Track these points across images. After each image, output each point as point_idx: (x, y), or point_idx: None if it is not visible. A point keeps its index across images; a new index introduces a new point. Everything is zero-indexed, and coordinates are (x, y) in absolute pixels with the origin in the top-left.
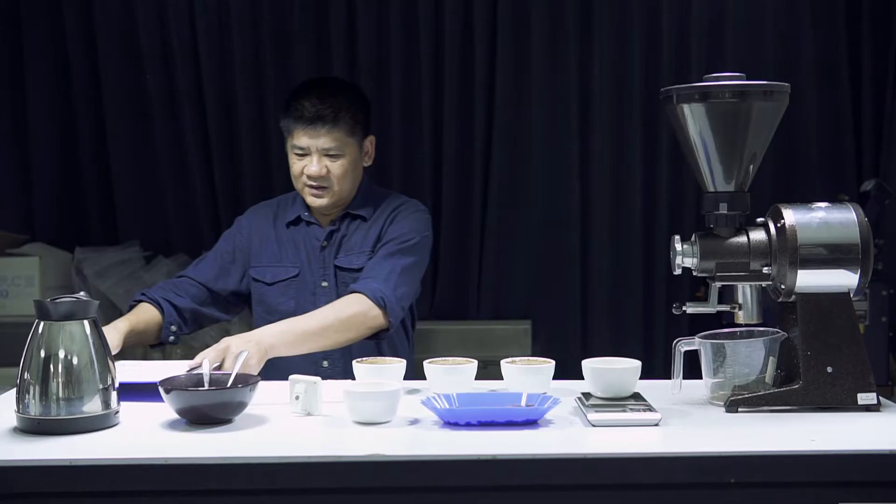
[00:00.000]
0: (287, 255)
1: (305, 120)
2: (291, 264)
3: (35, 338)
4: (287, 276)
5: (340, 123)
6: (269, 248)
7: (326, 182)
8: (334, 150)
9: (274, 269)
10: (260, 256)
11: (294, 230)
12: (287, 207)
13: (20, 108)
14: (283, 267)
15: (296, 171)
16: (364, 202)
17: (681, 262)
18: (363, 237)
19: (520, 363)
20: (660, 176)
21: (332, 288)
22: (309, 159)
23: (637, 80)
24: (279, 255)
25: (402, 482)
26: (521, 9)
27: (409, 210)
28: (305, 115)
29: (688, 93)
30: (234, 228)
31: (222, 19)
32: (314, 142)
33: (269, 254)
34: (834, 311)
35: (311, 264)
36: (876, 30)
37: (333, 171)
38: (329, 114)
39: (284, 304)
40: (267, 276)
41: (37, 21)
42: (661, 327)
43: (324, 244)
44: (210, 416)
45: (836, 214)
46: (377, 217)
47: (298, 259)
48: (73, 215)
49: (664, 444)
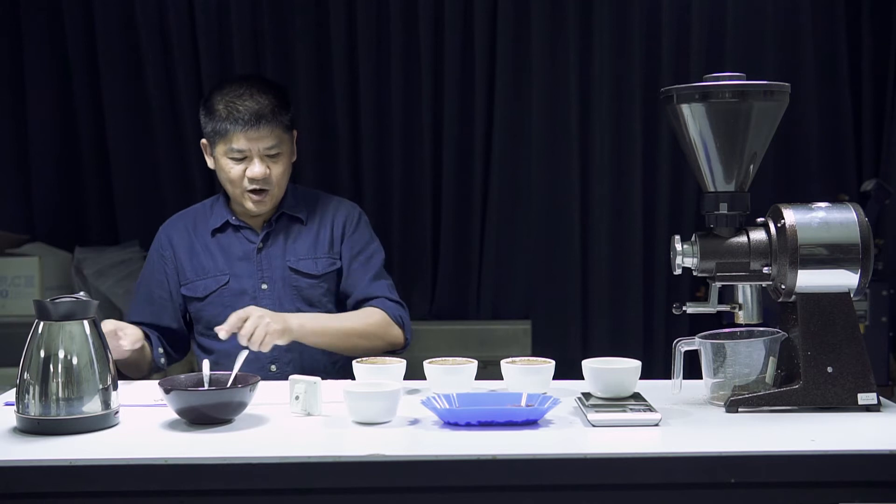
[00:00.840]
0: (216, 265)
1: (243, 121)
2: (220, 272)
3: (35, 338)
4: (217, 285)
5: (278, 121)
6: (197, 260)
7: (267, 185)
8: (275, 148)
9: (204, 282)
10: (188, 273)
11: (221, 237)
12: (206, 216)
13: (20, 108)
14: (212, 277)
15: (234, 175)
16: (296, 202)
17: (681, 262)
18: (312, 243)
19: (520, 363)
20: (660, 176)
21: (274, 290)
22: (248, 162)
23: (637, 80)
24: (206, 265)
25: (402, 482)
26: (521, 9)
27: (355, 214)
28: (243, 115)
29: (688, 93)
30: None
31: (222, 19)
32: (255, 144)
33: (194, 267)
34: (834, 311)
35: (245, 269)
36: (876, 30)
37: (275, 172)
38: (267, 112)
39: (222, 314)
40: (198, 290)
41: (37, 21)
42: (661, 327)
43: (259, 246)
44: (210, 416)
45: (836, 214)
46: (318, 221)
47: (228, 266)
48: (73, 215)
49: (664, 444)
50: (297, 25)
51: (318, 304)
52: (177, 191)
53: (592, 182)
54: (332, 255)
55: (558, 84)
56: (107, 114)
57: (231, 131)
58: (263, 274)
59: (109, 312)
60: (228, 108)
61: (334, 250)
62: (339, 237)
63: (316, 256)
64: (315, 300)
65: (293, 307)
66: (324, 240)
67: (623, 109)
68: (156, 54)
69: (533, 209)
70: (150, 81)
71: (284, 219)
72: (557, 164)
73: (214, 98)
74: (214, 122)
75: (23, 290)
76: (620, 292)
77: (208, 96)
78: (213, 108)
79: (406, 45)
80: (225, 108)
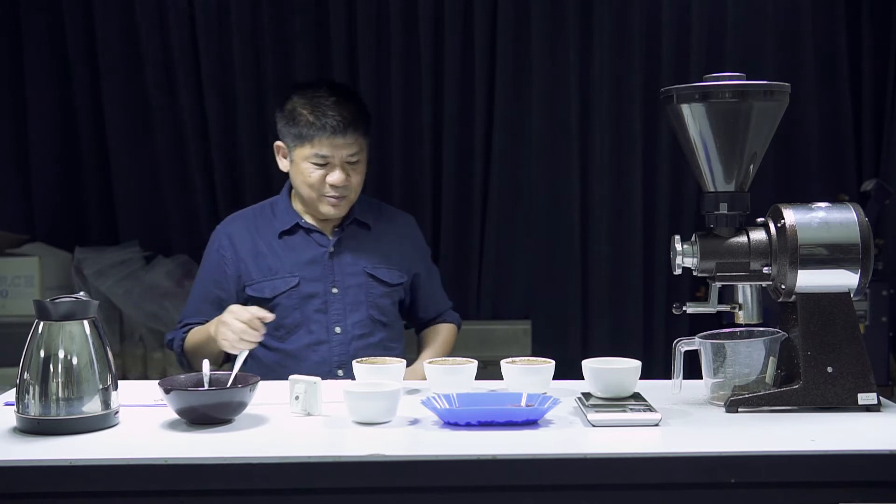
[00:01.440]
0: (284, 266)
1: (331, 129)
2: (289, 274)
3: (35, 338)
4: (287, 287)
5: (361, 129)
6: (261, 261)
7: (347, 192)
8: (357, 156)
9: (272, 283)
10: (253, 273)
11: (289, 239)
12: (268, 217)
13: (20, 108)
14: (280, 279)
15: (314, 180)
16: (363, 208)
17: (681, 262)
18: (386, 252)
19: (520, 363)
20: (660, 176)
21: (345, 295)
22: (329, 168)
23: (637, 80)
24: (273, 266)
25: (402, 482)
26: (521, 9)
27: (417, 226)
28: (331, 123)
29: (688, 93)
30: (212, 250)
31: (222, 19)
32: (339, 151)
33: (261, 268)
34: (834, 311)
35: (316, 272)
36: (876, 30)
37: (354, 179)
38: (354, 121)
39: (289, 316)
40: (265, 291)
41: (37, 21)
42: (661, 327)
43: (332, 251)
44: (210, 416)
45: (836, 214)
46: (385, 230)
47: (297, 268)
48: (73, 215)
49: (664, 444)
50: (297, 25)
51: (387, 312)
52: (177, 191)
53: (592, 182)
54: (401, 268)
55: (558, 84)
56: (107, 114)
57: (317, 137)
58: (335, 278)
59: (109, 312)
60: (316, 114)
61: (404, 263)
62: (408, 250)
63: (390, 266)
64: (385, 308)
65: (365, 314)
66: (394, 251)
67: (623, 109)
68: (156, 54)
69: (533, 209)
70: (150, 81)
71: (354, 225)
72: (557, 164)
73: (296, 102)
74: (298, 126)
75: (23, 290)
76: (620, 292)
77: (287, 99)
78: (296, 112)
79: (406, 45)
80: (312, 114)
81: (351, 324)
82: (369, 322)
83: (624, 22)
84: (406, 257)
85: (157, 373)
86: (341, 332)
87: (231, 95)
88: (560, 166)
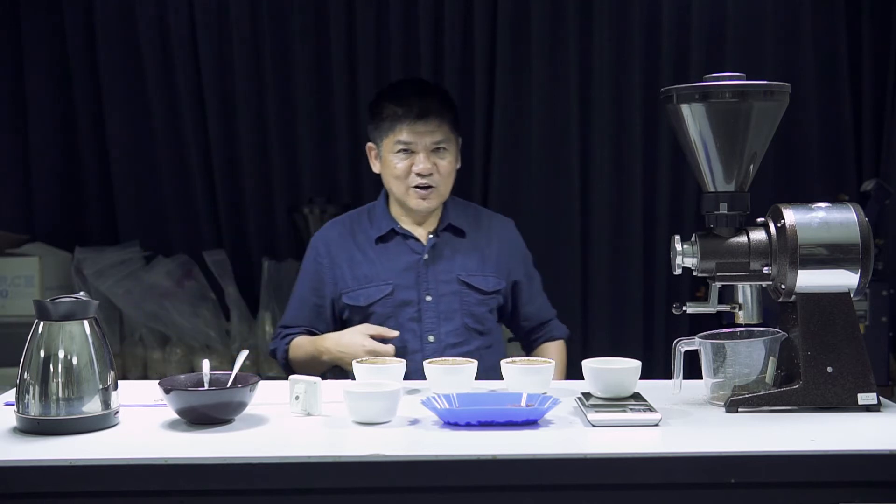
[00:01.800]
0: (378, 274)
1: (413, 115)
2: (384, 282)
3: (35, 338)
4: (381, 295)
5: (444, 117)
6: (356, 269)
7: (433, 181)
8: (443, 143)
9: (366, 291)
10: (349, 281)
11: (384, 245)
12: (364, 224)
13: (20, 108)
14: (375, 286)
15: (400, 171)
16: (457, 213)
17: (681, 262)
18: (480, 259)
19: (520, 363)
20: (660, 176)
21: (439, 303)
22: (415, 157)
23: (637, 80)
24: (368, 274)
25: (402, 482)
26: (521, 9)
27: (516, 231)
28: (413, 110)
29: (688, 93)
30: (310, 260)
31: (222, 19)
32: (422, 138)
33: (356, 276)
34: (834, 311)
35: (410, 279)
36: (876, 30)
37: (441, 167)
38: (436, 108)
39: (384, 323)
40: (360, 299)
41: (37, 20)
42: (661, 327)
43: (426, 258)
44: (210, 416)
45: (836, 214)
46: (481, 236)
47: (392, 276)
48: (73, 215)
49: (664, 444)
50: (297, 25)
51: (483, 321)
52: (177, 191)
53: (592, 182)
54: (499, 274)
55: (558, 84)
56: (107, 114)
57: (398, 125)
58: (429, 286)
59: (109, 312)
60: (398, 102)
61: (501, 269)
62: (505, 257)
63: (485, 273)
64: (481, 316)
65: (459, 323)
66: (491, 257)
67: (623, 109)
68: (156, 54)
69: (533, 209)
70: (150, 81)
71: (449, 230)
72: (557, 164)
73: (381, 99)
74: (381, 119)
75: (23, 290)
76: (620, 292)
77: (374, 100)
78: (379, 107)
79: (406, 45)
80: (394, 104)
81: (445, 332)
82: (464, 330)
83: (624, 22)
84: (503, 263)
85: (157, 373)
86: (435, 340)
87: (231, 96)
88: (560, 166)
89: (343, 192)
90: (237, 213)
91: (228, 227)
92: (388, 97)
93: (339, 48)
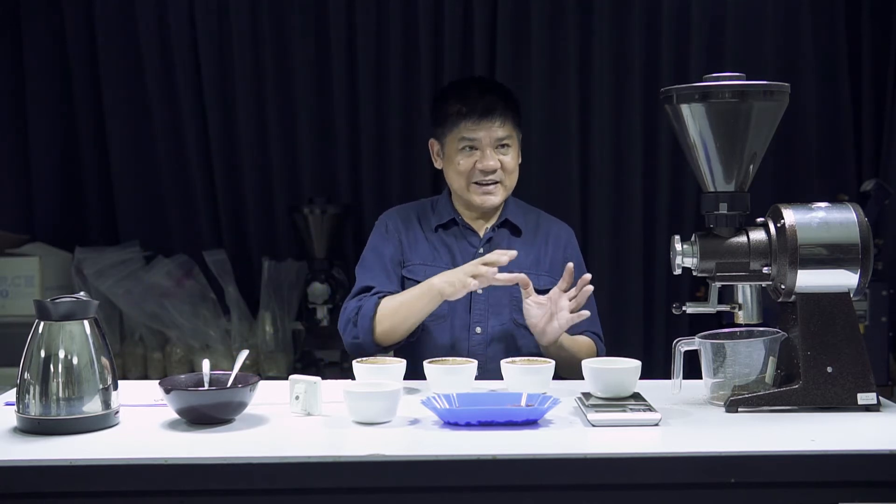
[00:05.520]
0: (440, 257)
1: (477, 112)
2: (445, 266)
3: (35, 338)
4: None
5: (510, 113)
6: (421, 248)
7: (498, 177)
8: (507, 140)
9: (428, 269)
10: (411, 256)
11: (444, 234)
12: (428, 212)
13: (20, 109)
14: (436, 267)
15: (465, 167)
16: (517, 212)
17: (681, 262)
18: (535, 258)
19: (520, 363)
20: (660, 176)
21: (490, 296)
22: (480, 154)
23: (637, 80)
24: (431, 255)
25: (402, 482)
26: (521, 8)
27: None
28: (477, 106)
29: (688, 93)
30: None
31: (222, 19)
32: (487, 133)
33: (420, 254)
34: (834, 311)
35: None
36: (876, 30)
37: (506, 163)
38: (499, 105)
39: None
40: (419, 275)
41: (37, 20)
42: (661, 327)
43: (481, 251)
44: (210, 416)
45: (836, 214)
46: (537, 237)
47: (452, 262)
48: (73, 215)
49: (664, 444)
50: (297, 25)
51: None
52: (177, 191)
53: (592, 182)
54: (552, 274)
55: (558, 84)
56: (107, 114)
57: (462, 122)
58: None
59: (109, 312)
60: (462, 100)
61: (555, 272)
62: (559, 259)
63: (538, 272)
64: None
65: (509, 317)
66: (545, 258)
67: (623, 109)
68: (156, 54)
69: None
70: (150, 82)
71: (506, 226)
72: (557, 164)
73: (444, 96)
74: (445, 116)
75: (23, 290)
76: (620, 292)
77: (438, 97)
78: (445, 102)
79: (406, 45)
80: (458, 101)
81: (492, 326)
82: (512, 325)
83: (624, 22)
84: (556, 265)
85: (157, 373)
86: (482, 332)
87: (231, 96)
88: (560, 166)
89: (343, 192)
90: (237, 213)
91: (228, 227)
92: (453, 94)
93: (339, 48)
